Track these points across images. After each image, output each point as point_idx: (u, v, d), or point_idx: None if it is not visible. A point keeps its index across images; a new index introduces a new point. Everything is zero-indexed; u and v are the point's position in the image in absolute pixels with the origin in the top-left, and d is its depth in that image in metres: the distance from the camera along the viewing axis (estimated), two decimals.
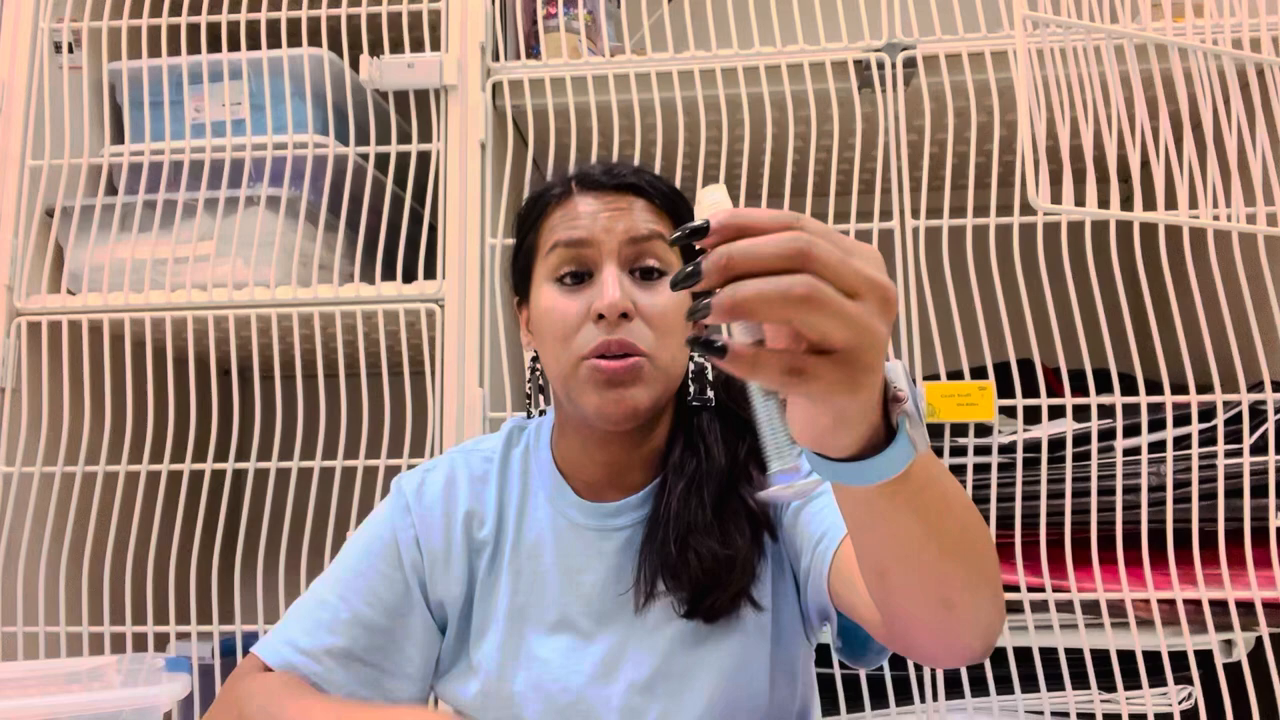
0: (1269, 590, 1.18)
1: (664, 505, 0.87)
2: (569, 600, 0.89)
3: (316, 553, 1.33)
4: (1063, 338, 1.26)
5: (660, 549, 0.86)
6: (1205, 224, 1.17)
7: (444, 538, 0.92)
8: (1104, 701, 1.21)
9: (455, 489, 0.94)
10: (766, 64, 1.38)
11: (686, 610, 0.85)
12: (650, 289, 0.85)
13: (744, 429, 0.91)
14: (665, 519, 0.86)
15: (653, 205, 0.88)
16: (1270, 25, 1.27)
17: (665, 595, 0.86)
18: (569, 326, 0.84)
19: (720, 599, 0.84)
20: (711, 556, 0.84)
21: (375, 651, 0.88)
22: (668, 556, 0.85)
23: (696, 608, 0.85)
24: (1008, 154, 1.46)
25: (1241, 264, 1.23)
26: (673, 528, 0.85)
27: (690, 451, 0.89)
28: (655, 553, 0.86)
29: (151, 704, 0.77)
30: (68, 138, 1.46)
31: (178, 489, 1.36)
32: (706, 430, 0.90)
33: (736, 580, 0.84)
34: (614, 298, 0.82)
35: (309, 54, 1.43)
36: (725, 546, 0.84)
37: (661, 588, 0.86)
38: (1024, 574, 1.23)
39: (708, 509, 0.86)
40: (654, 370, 0.83)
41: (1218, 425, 1.22)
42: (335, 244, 1.43)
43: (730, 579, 0.84)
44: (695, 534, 0.84)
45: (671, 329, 0.85)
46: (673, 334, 0.85)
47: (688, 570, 0.84)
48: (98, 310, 1.39)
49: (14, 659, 1.32)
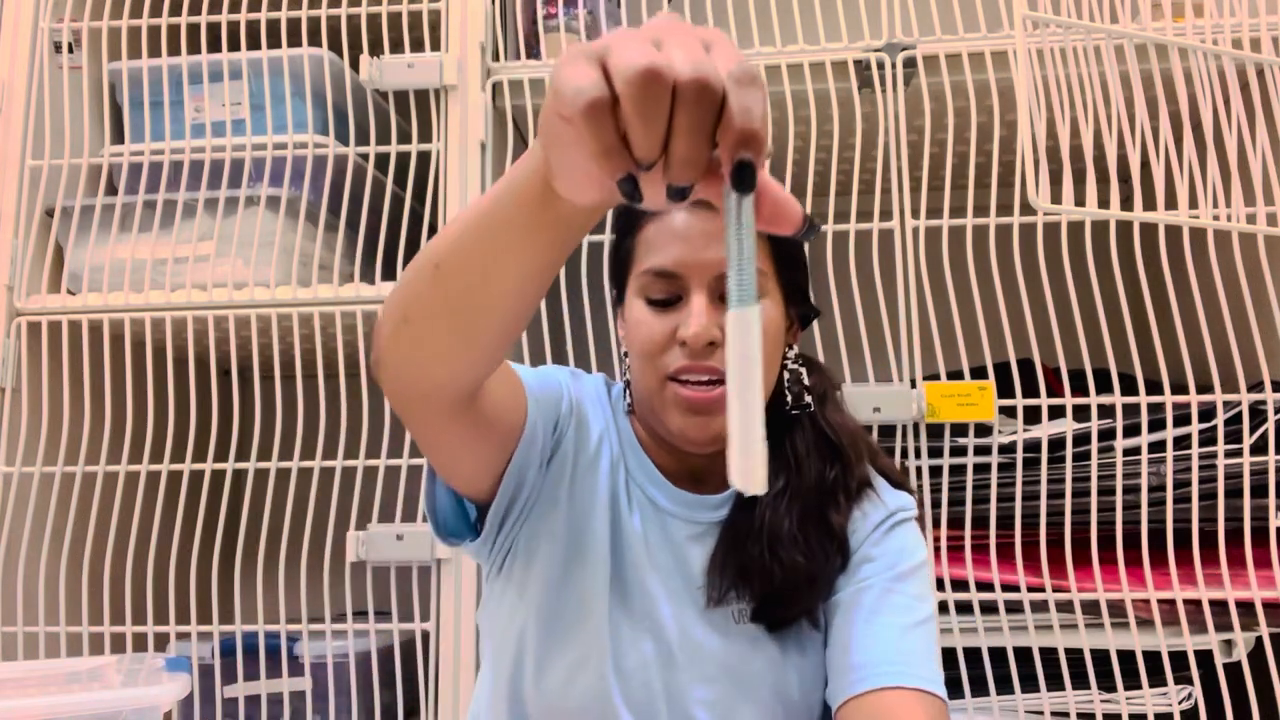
0: (1269, 590, 1.18)
1: (757, 512, 0.87)
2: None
3: (316, 553, 1.33)
4: (1063, 338, 1.26)
5: (745, 554, 0.86)
6: (1205, 224, 1.17)
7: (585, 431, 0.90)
8: (1104, 701, 1.21)
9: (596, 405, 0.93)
10: (766, 64, 1.38)
11: (753, 614, 0.86)
12: None
13: (835, 453, 0.91)
14: (758, 526, 0.86)
15: None
16: (1270, 25, 1.27)
17: (734, 600, 0.86)
18: (655, 345, 0.84)
19: (791, 611, 0.86)
20: (794, 569, 0.84)
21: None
22: (751, 562, 0.85)
23: (765, 614, 0.86)
24: (1008, 154, 1.46)
25: (1241, 264, 1.23)
26: (765, 535, 0.85)
27: (781, 463, 0.89)
28: (739, 556, 0.86)
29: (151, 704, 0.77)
30: (68, 138, 1.46)
31: (178, 489, 1.36)
32: (798, 443, 0.90)
33: (811, 597, 0.86)
34: (698, 329, 0.81)
35: (309, 54, 1.43)
36: (809, 561, 0.85)
37: (734, 592, 0.86)
38: (1024, 574, 1.23)
39: (795, 522, 0.86)
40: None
41: (1218, 425, 1.22)
42: (335, 244, 1.43)
43: (806, 594, 0.85)
44: (783, 545, 0.85)
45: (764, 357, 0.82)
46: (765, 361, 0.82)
47: (770, 578, 0.85)
48: (98, 310, 1.39)
49: (14, 659, 1.32)
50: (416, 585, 1.32)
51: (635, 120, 0.44)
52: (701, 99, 0.44)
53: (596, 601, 0.86)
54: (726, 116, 0.44)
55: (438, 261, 0.63)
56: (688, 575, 0.88)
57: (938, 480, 1.27)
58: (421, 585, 1.32)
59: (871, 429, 1.27)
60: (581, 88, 0.44)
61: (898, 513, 0.90)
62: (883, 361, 1.30)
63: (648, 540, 0.88)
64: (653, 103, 0.43)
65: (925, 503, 1.26)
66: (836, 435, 0.92)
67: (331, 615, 1.37)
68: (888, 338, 1.29)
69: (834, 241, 1.33)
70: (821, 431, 0.92)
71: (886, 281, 1.30)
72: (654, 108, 0.43)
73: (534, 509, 0.87)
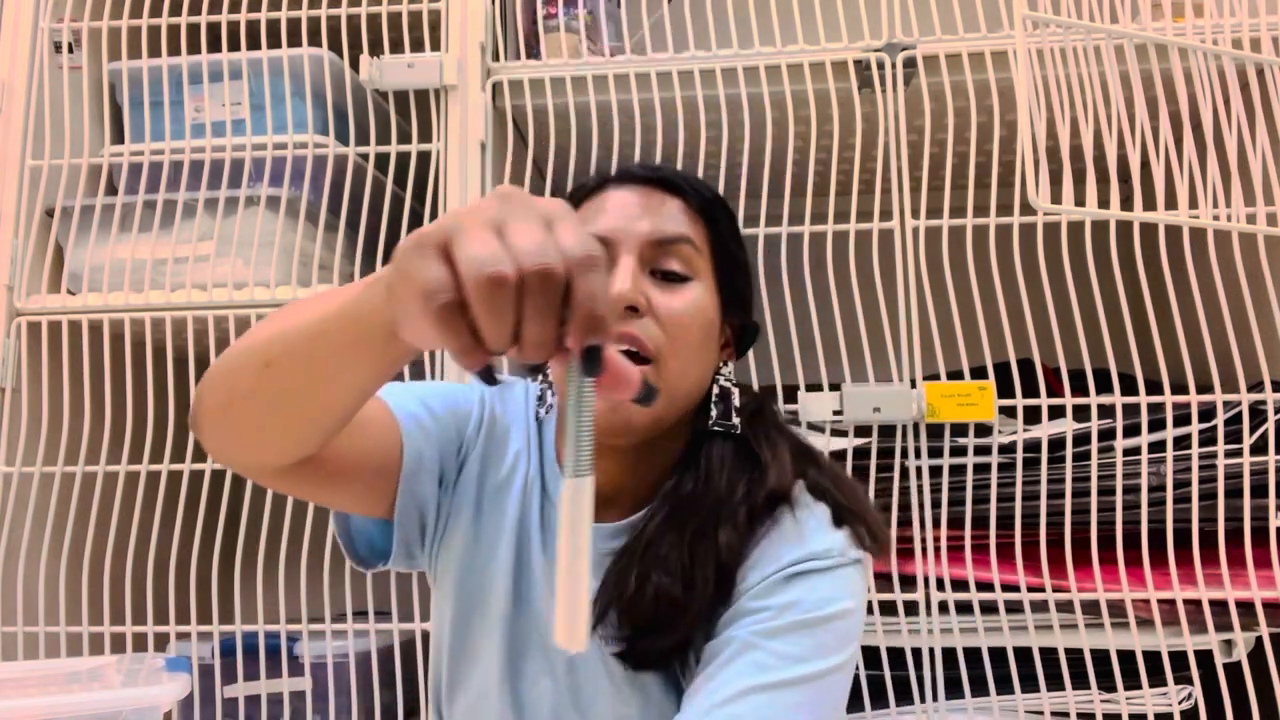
0: (1269, 590, 1.18)
1: (640, 533, 0.79)
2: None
3: (316, 553, 1.33)
4: (1063, 338, 1.26)
5: (620, 579, 0.78)
6: (1205, 224, 1.17)
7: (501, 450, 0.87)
8: (1104, 701, 1.21)
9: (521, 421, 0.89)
10: (766, 64, 1.38)
11: (621, 651, 0.78)
12: (669, 290, 0.79)
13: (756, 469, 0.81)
14: (637, 548, 0.79)
15: (688, 206, 0.83)
16: (1270, 25, 1.27)
17: (604, 628, 0.78)
18: None
19: (658, 644, 0.77)
20: (662, 595, 0.75)
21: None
22: (625, 588, 0.77)
23: (631, 650, 0.78)
24: (1008, 154, 1.46)
25: (1241, 264, 1.23)
26: (640, 559, 0.78)
27: (690, 477, 0.81)
28: (615, 582, 0.79)
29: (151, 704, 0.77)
30: (68, 138, 1.46)
31: (178, 489, 1.36)
32: (716, 457, 0.81)
33: (681, 628, 0.76)
34: (623, 289, 0.76)
35: (309, 54, 1.43)
36: (686, 588, 0.76)
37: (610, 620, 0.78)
38: (1024, 574, 1.23)
39: (681, 539, 0.77)
40: (658, 380, 0.76)
41: (1218, 425, 1.22)
42: (335, 244, 1.43)
43: (677, 625, 0.76)
44: (658, 567, 0.76)
45: (686, 337, 0.78)
46: (687, 343, 0.79)
47: (639, 606, 0.76)
48: (98, 310, 1.39)
49: (14, 659, 1.32)
50: (417, 585, 1.32)
51: (486, 318, 0.46)
52: (545, 286, 0.45)
53: (494, 639, 0.83)
54: (572, 300, 0.46)
55: (268, 360, 0.63)
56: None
57: (938, 480, 1.27)
58: (422, 585, 1.32)
59: (871, 429, 1.27)
60: (432, 290, 0.46)
61: (815, 560, 0.76)
62: (883, 361, 1.30)
63: (550, 570, 0.83)
64: (501, 301, 0.45)
65: (925, 503, 1.26)
66: (761, 448, 0.82)
67: (331, 615, 1.37)
68: (888, 338, 1.29)
69: (834, 241, 1.33)
70: (744, 444, 0.83)
71: (886, 281, 1.30)
72: (502, 305, 0.45)
73: (446, 529, 0.85)
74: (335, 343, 0.60)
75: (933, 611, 1.25)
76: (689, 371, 0.80)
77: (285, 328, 0.63)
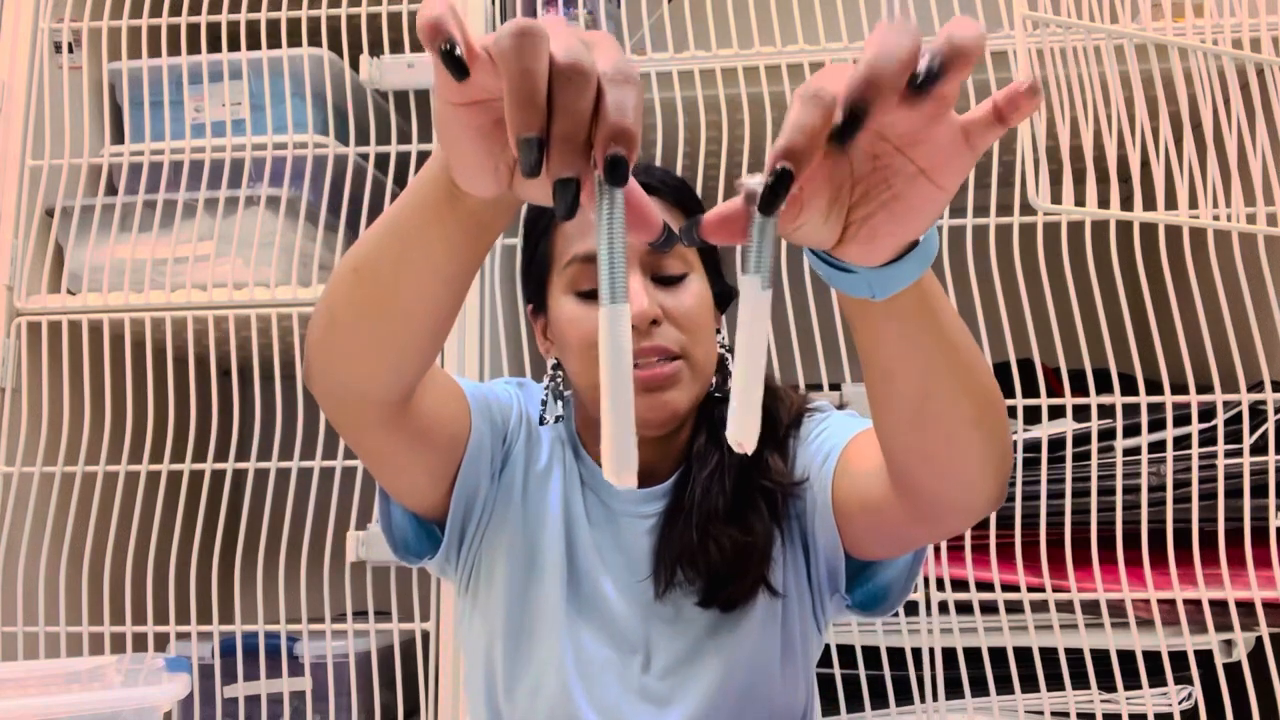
0: (1269, 590, 1.18)
1: (688, 494, 0.87)
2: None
3: (316, 553, 1.33)
4: (1063, 338, 1.26)
5: (681, 537, 0.86)
6: (1205, 224, 1.17)
7: (538, 443, 0.91)
8: (1104, 701, 1.21)
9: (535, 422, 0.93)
10: (766, 64, 1.38)
11: (703, 599, 0.85)
12: (674, 291, 0.85)
13: (765, 417, 0.90)
14: (689, 508, 0.86)
15: (666, 204, 0.87)
16: (1270, 25, 1.27)
17: (683, 584, 0.86)
18: (596, 337, 0.83)
19: (739, 587, 0.85)
20: (732, 545, 0.84)
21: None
22: (689, 544, 0.85)
23: (714, 596, 0.85)
24: (1008, 154, 1.46)
25: (1241, 264, 1.23)
26: (695, 516, 0.85)
27: (713, 442, 0.88)
28: (676, 541, 0.86)
29: (151, 704, 0.77)
30: (68, 138, 1.46)
31: (178, 489, 1.36)
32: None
33: (756, 567, 0.85)
34: (642, 307, 0.81)
35: (309, 54, 1.43)
36: (745, 534, 0.84)
37: (680, 576, 0.86)
38: (1024, 574, 1.23)
39: (728, 497, 0.86)
40: (690, 371, 0.84)
41: (1218, 425, 1.22)
42: (335, 244, 1.43)
43: (749, 566, 0.84)
44: (716, 522, 0.85)
45: (700, 327, 0.85)
46: (702, 332, 0.85)
47: (708, 558, 0.84)
48: (98, 310, 1.39)
49: (14, 659, 1.32)
50: (416, 585, 1.32)
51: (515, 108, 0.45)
52: (576, 81, 0.45)
53: (554, 614, 0.87)
54: (602, 111, 0.46)
55: (356, 265, 0.65)
56: (638, 572, 0.88)
57: None
58: (421, 585, 1.32)
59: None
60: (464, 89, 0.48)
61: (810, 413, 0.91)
62: None
63: (600, 546, 0.89)
64: (530, 88, 0.45)
65: None
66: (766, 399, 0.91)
67: (331, 615, 1.37)
68: None
69: None
70: None
71: None
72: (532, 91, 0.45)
73: (490, 523, 0.89)
74: (407, 225, 0.61)
75: (933, 611, 1.25)
76: (710, 354, 0.87)
77: (368, 234, 0.65)
